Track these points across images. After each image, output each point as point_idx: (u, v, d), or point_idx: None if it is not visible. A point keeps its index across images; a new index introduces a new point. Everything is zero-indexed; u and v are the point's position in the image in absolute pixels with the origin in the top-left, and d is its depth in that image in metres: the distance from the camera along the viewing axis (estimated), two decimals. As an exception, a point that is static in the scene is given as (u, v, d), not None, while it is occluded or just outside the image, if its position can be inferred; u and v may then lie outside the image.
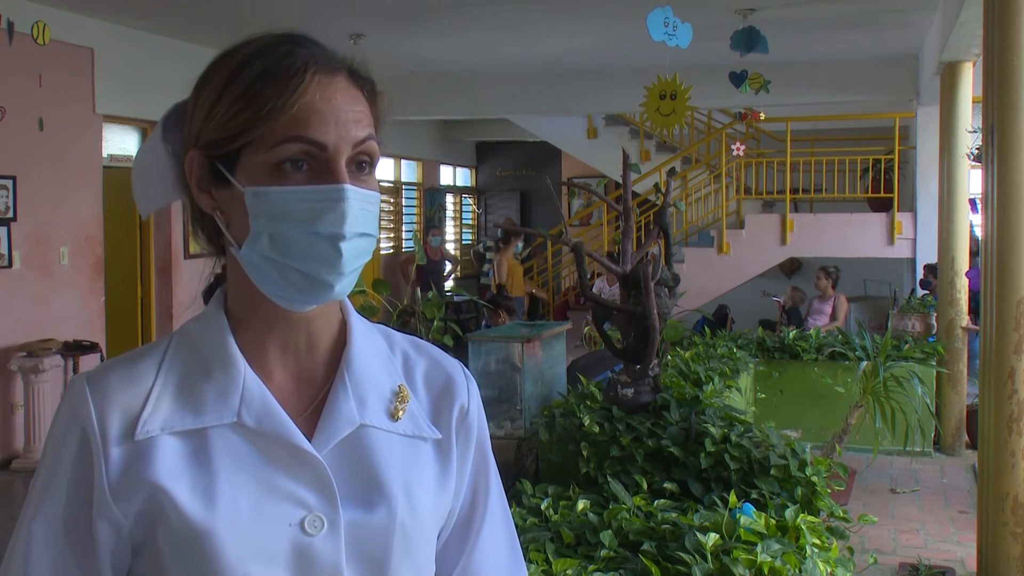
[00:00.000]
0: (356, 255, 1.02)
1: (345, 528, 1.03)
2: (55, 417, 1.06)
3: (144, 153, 1.14)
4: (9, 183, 7.19)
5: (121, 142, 8.75)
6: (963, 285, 7.62)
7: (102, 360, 7.55)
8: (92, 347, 7.52)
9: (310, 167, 1.01)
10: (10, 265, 7.25)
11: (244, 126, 1.00)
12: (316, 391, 1.09)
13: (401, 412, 1.11)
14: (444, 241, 13.95)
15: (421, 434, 1.12)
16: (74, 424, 1.02)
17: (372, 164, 1.06)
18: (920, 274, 10.47)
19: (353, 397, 1.08)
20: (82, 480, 1.01)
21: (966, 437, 7.53)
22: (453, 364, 1.20)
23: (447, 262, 13.27)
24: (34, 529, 1.01)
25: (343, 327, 1.13)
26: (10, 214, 7.22)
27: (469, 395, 1.18)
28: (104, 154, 8.30)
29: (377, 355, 1.13)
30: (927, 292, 9.48)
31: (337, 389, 1.08)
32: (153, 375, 1.05)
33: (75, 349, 7.42)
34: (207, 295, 1.14)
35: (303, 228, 1.00)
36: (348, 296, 1.10)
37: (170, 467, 1.00)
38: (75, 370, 7.40)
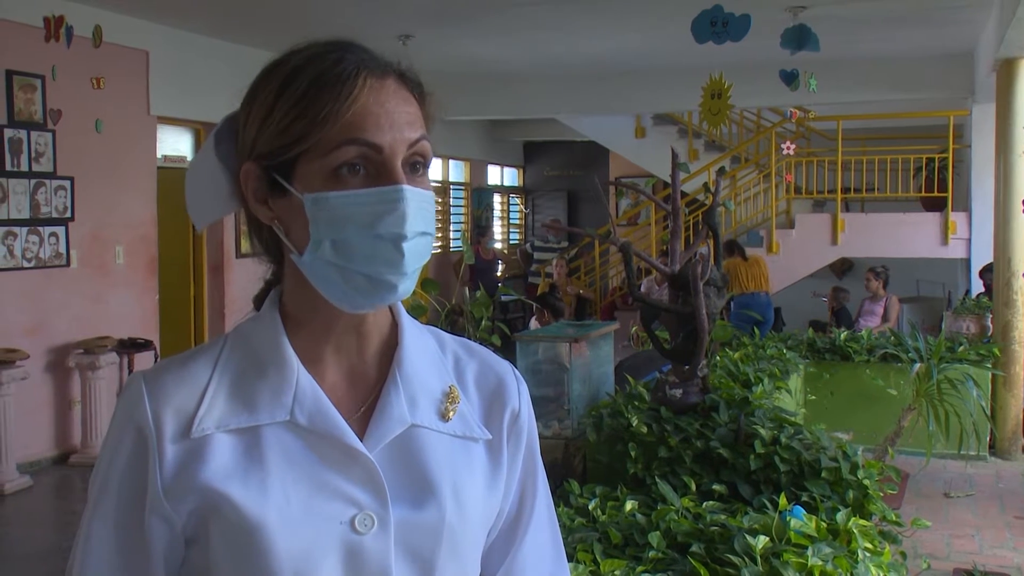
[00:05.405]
0: (417, 255, 1.03)
1: (395, 527, 1.03)
2: (113, 416, 1.07)
3: (196, 167, 1.15)
4: (67, 184, 7.35)
5: (175, 143, 8.90)
6: (1020, 287, 7.47)
7: (156, 358, 7.69)
8: (146, 345, 7.67)
9: (366, 171, 1.02)
10: (68, 264, 7.41)
11: (300, 134, 1.01)
12: (368, 391, 1.10)
13: (452, 413, 1.11)
14: (495, 242, 13.97)
15: (472, 435, 1.12)
16: (130, 422, 1.04)
17: (425, 165, 1.07)
18: (975, 275, 10.28)
19: (404, 397, 1.09)
20: (136, 478, 1.02)
21: (1023, 441, 7.38)
22: (504, 366, 1.21)
23: (499, 262, 13.30)
24: (92, 527, 1.04)
25: (394, 328, 1.14)
26: (68, 214, 7.38)
27: (520, 398, 1.19)
28: (158, 155, 8.44)
29: (428, 356, 1.14)
30: (983, 292, 9.31)
31: (389, 389, 1.09)
32: (208, 374, 1.06)
33: (130, 347, 7.58)
34: (258, 301, 1.15)
35: (364, 231, 1.00)
36: None
37: (224, 465, 1.01)
38: (130, 367, 7.55)
